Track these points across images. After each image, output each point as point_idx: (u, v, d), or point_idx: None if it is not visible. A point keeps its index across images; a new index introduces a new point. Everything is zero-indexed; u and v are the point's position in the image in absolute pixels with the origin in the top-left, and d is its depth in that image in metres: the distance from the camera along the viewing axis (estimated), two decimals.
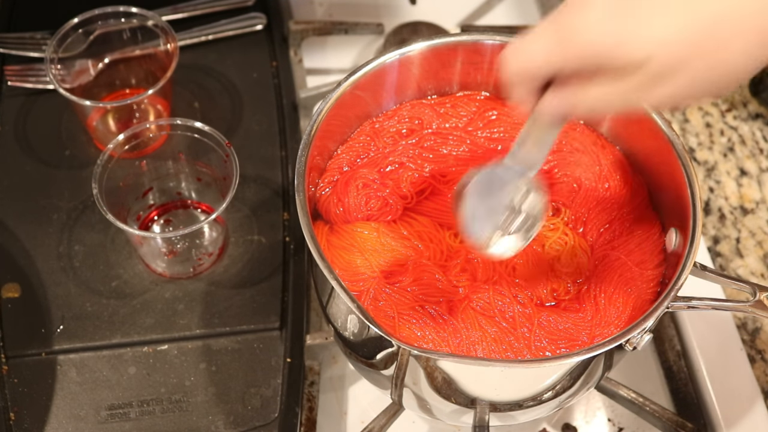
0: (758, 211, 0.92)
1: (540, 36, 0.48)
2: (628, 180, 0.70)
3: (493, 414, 0.63)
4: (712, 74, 0.45)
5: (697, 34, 0.44)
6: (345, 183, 0.68)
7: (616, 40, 0.44)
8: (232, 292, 0.78)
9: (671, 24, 0.44)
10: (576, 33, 0.46)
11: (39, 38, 0.93)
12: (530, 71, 0.49)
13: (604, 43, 0.45)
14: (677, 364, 0.80)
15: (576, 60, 0.46)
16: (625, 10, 0.44)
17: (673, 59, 0.44)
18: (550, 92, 0.49)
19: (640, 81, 0.45)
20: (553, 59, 0.47)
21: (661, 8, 0.44)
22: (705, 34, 0.44)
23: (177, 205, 0.83)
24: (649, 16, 0.44)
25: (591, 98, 0.47)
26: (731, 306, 0.61)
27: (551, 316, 0.62)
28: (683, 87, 0.45)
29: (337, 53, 1.05)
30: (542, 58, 0.47)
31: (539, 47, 0.48)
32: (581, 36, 0.45)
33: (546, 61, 0.47)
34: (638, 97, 0.46)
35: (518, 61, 0.49)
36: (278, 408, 0.72)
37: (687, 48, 0.44)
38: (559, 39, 0.47)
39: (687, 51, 0.44)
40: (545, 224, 0.67)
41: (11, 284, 0.78)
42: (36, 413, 0.71)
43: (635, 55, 0.44)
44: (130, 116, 0.85)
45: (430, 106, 0.73)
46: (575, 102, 0.48)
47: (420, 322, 0.61)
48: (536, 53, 0.48)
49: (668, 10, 0.44)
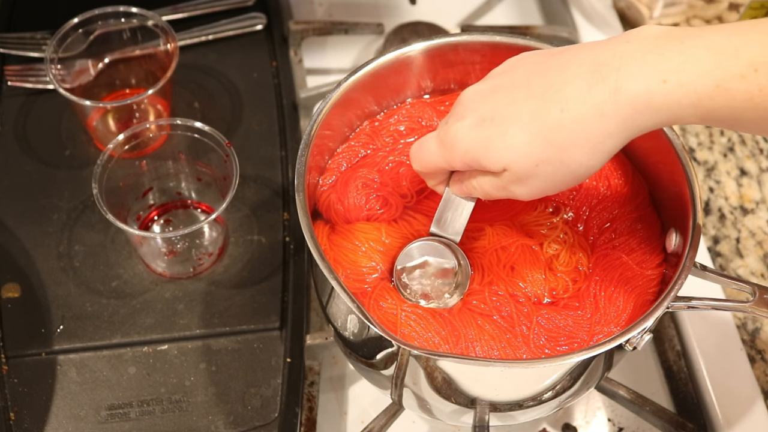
0: (758, 211, 0.92)
1: (431, 141, 0.58)
2: (629, 179, 0.69)
3: (493, 414, 0.63)
4: (562, 172, 0.53)
5: (542, 146, 0.52)
6: (345, 182, 0.68)
7: (480, 153, 0.54)
8: (232, 292, 0.78)
9: (521, 139, 0.52)
10: (453, 142, 0.56)
11: (39, 38, 0.93)
12: (430, 169, 0.60)
13: (473, 154, 0.55)
14: (677, 364, 0.80)
15: (459, 162, 0.56)
16: (487, 123, 0.54)
17: (525, 167, 0.53)
18: (452, 179, 0.61)
19: (506, 181, 0.55)
20: (442, 161, 0.57)
21: (513, 125, 0.52)
22: (547, 143, 0.52)
23: (177, 205, 0.83)
24: (504, 132, 0.53)
25: (479, 186, 0.57)
26: (731, 306, 0.61)
27: (550, 314, 0.62)
28: (541, 184, 0.54)
29: (337, 53, 1.05)
30: (434, 160, 0.58)
31: (431, 152, 0.58)
32: (457, 145, 0.55)
33: (438, 162, 0.58)
34: (508, 190, 0.55)
35: (419, 161, 0.60)
36: (278, 408, 0.72)
37: (534, 156, 0.52)
38: (442, 145, 0.57)
39: (535, 158, 0.52)
40: (544, 224, 0.67)
41: (11, 284, 0.78)
42: (36, 413, 0.71)
43: (497, 164, 0.54)
44: (130, 116, 0.85)
45: (430, 105, 0.73)
46: (470, 188, 0.58)
47: (419, 323, 0.61)
48: (429, 156, 0.58)
49: (518, 126, 0.52)
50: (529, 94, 0.53)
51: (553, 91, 0.51)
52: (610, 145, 0.51)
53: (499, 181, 0.55)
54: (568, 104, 0.51)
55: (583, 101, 0.50)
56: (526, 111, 0.52)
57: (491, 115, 0.54)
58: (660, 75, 0.48)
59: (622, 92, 0.49)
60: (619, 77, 0.49)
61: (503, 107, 0.54)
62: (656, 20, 1.02)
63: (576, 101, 0.50)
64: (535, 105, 0.52)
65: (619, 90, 0.49)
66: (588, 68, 0.51)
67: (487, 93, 0.55)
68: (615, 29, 1.03)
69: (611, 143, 0.51)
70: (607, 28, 1.03)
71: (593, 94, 0.50)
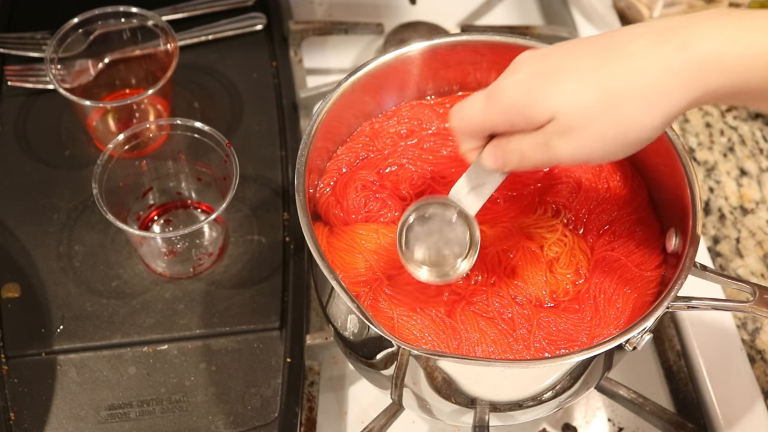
0: (758, 211, 0.92)
1: (475, 97, 0.55)
2: (628, 181, 0.70)
3: (493, 414, 0.63)
4: (613, 132, 0.50)
5: (597, 97, 0.50)
6: (344, 184, 0.68)
7: (528, 101, 0.51)
8: (232, 292, 0.78)
9: (572, 88, 0.50)
10: (501, 94, 0.53)
11: (39, 38, 0.93)
12: (468, 127, 0.56)
13: (520, 104, 0.52)
14: (677, 364, 0.80)
15: (501, 116, 0.53)
16: (539, 75, 0.52)
17: (575, 116, 0.50)
18: (488, 147, 0.56)
19: (549, 135, 0.51)
20: (484, 115, 0.54)
21: (569, 75, 0.51)
22: (602, 97, 0.49)
23: (177, 205, 0.83)
24: (556, 81, 0.51)
25: (517, 149, 0.54)
26: (731, 306, 0.61)
27: (550, 316, 0.62)
28: (587, 142, 0.51)
29: (337, 53, 1.05)
30: (475, 116, 0.55)
31: (473, 106, 0.55)
32: (505, 96, 0.53)
33: (478, 118, 0.55)
34: (550, 150, 0.52)
35: (458, 118, 0.57)
36: (278, 408, 0.72)
37: (587, 106, 0.50)
38: (488, 100, 0.54)
39: (587, 109, 0.50)
40: (544, 226, 0.67)
41: (11, 284, 0.78)
42: (36, 413, 0.71)
43: (544, 111, 0.51)
44: (130, 116, 0.85)
45: (430, 107, 0.73)
46: (507, 153, 0.55)
47: (419, 323, 0.61)
48: (471, 112, 0.55)
49: (574, 77, 0.50)
50: (590, 50, 0.51)
51: (618, 47, 0.50)
52: (669, 107, 0.49)
53: (541, 137, 0.52)
54: (631, 57, 0.49)
55: (648, 55, 0.48)
56: (585, 65, 0.51)
57: (546, 70, 0.52)
58: (731, 35, 0.47)
59: (691, 49, 0.47)
60: (689, 35, 0.48)
61: (560, 62, 0.52)
62: None
63: (640, 54, 0.49)
64: (595, 59, 0.50)
65: (688, 46, 0.47)
66: (655, 29, 0.49)
67: (544, 52, 0.54)
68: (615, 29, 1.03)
69: (672, 105, 0.49)
70: (607, 29, 1.03)
71: (660, 50, 0.48)
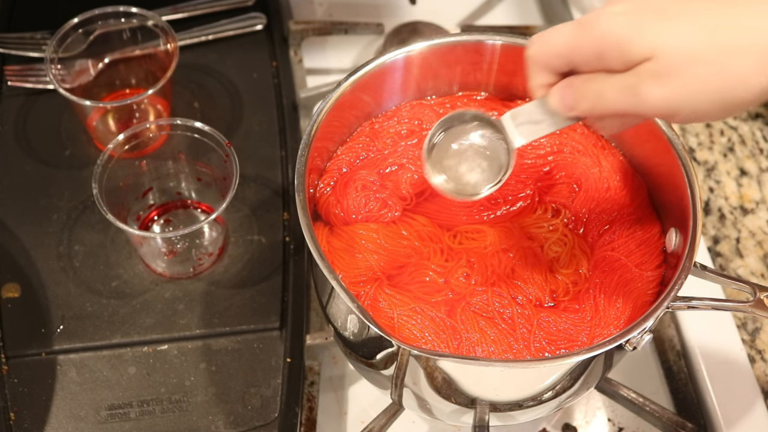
0: (758, 211, 0.92)
1: (564, 25, 0.50)
2: (628, 181, 0.70)
3: (493, 414, 0.63)
4: (714, 86, 0.46)
5: (708, 42, 0.45)
6: (344, 184, 0.68)
7: (627, 33, 0.46)
8: (232, 292, 0.78)
9: (681, 27, 0.45)
10: (595, 22, 0.48)
11: (39, 38, 0.93)
12: (547, 54, 0.51)
13: (616, 34, 0.46)
14: (677, 364, 0.80)
15: (589, 46, 0.48)
16: (645, 10, 0.46)
17: (678, 57, 0.45)
18: (559, 85, 0.51)
19: (641, 76, 0.46)
20: (569, 44, 0.49)
21: (680, 13, 0.46)
22: (713, 43, 0.45)
23: (177, 205, 0.83)
24: (664, 18, 0.46)
25: (594, 91, 0.49)
26: (731, 306, 0.61)
27: (550, 316, 0.62)
28: (684, 91, 0.46)
29: (337, 53, 1.05)
30: (560, 43, 0.50)
31: (560, 33, 0.50)
32: (598, 25, 0.47)
33: (563, 45, 0.50)
34: (637, 94, 0.47)
35: (539, 44, 0.51)
36: (278, 408, 0.72)
37: (693, 48, 0.45)
38: (579, 27, 0.49)
39: (693, 51, 0.45)
40: (545, 226, 0.67)
41: (11, 284, 0.78)
42: (36, 413, 0.71)
43: (644, 47, 0.46)
44: (130, 116, 0.85)
45: (430, 107, 0.73)
46: (578, 92, 0.50)
47: (419, 323, 0.61)
48: (556, 38, 0.50)
49: (685, 17, 0.46)
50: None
51: None
52: None
53: (631, 78, 0.46)
54: (752, 7, 0.45)
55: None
56: (698, 8, 0.46)
57: (654, 4, 0.47)
58: None
59: None
60: None
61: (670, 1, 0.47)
62: None
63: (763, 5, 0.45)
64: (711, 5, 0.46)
65: None
66: None
67: None
68: None
69: None
70: None
71: None
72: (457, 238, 0.67)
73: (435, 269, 0.65)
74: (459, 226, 0.67)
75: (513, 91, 0.74)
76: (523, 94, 0.74)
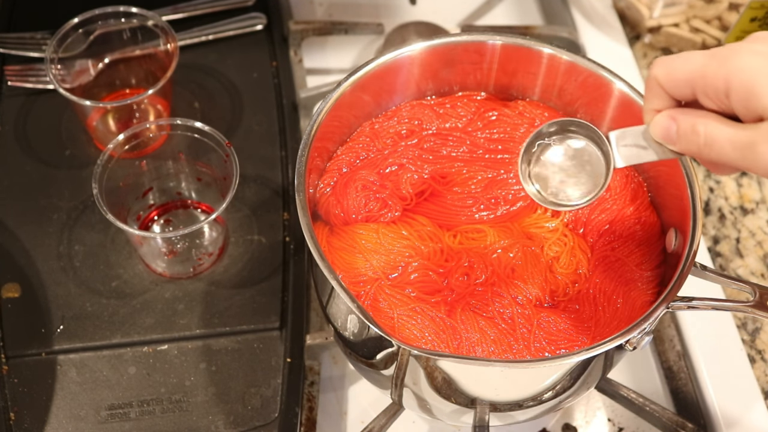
0: (758, 211, 0.92)
1: (696, 52, 0.47)
2: (629, 181, 0.70)
3: (493, 414, 0.63)
4: None
5: None
6: (344, 184, 0.68)
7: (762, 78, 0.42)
8: (232, 292, 0.78)
9: None
10: (732, 55, 0.44)
11: (39, 38, 0.93)
12: (674, 78, 0.47)
13: (750, 75, 0.42)
14: (677, 364, 0.80)
15: (720, 78, 0.44)
16: None
17: None
18: (666, 110, 0.48)
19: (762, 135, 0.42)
20: (700, 72, 0.45)
21: None
22: None
23: (177, 205, 0.83)
24: None
25: (702, 133, 0.45)
26: (731, 306, 0.61)
27: (550, 316, 0.62)
28: None
29: (337, 53, 1.05)
30: (690, 69, 0.46)
31: (691, 59, 0.46)
32: (735, 59, 0.44)
33: (693, 72, 0.46)
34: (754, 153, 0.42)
35: (666, 66, 0.48)
36: (278, 408, 0.72)
37: None
38: (713, 56, 0.45)
39: None
40: (545, 226, 0.67)
41: (11, 284, 0.78)
42: (36, 413, 0.71)
43: None
44: (130, 116, 0.85)
45: (430, 107, 0.73)
46: (685, 127, 0.46)
47: (419, 323, 0.61)
48: (686, 63, 0.46)
49: None
50: None
51: None
52: None
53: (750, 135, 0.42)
54: None
55: None
56: None
57: None
58: None
59: None
60: None
61: None
62: (656, 20, 1.02)
63: None
64: None
65: None
66: None
67: None
68: (615, 29, 1.03)
69: None
70: (607, 28, 1.03)
71: None
72: (457, 238, 0.67)
73: (435, 269, 0.65)
74: (459, 226, 0.67)
75: (513, 91, 0.74)
76: (523, 94, 0.74)
